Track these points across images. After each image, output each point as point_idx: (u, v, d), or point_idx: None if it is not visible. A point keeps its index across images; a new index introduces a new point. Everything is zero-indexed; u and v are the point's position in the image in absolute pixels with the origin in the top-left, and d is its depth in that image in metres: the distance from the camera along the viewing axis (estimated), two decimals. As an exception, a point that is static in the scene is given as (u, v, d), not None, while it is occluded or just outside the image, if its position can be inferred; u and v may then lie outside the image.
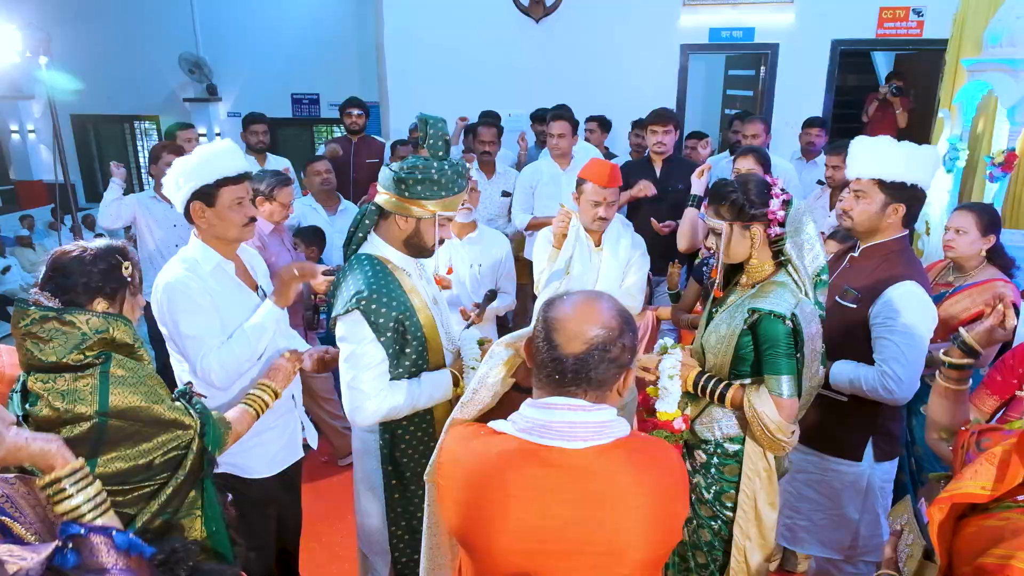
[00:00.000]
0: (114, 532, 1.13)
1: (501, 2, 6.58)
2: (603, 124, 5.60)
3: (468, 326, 2.78)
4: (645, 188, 4.02)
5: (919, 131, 6.16)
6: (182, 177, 2.14)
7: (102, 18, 9.43)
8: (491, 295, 2.94)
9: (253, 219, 2.24)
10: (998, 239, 2.71)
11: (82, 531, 1.10)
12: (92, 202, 10.09)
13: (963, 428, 1.64)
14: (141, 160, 10.64)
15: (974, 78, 4.56)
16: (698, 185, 3.59)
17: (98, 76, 9.14)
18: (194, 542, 1.71)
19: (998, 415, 1.87)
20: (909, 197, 2.26)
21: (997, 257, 2.72)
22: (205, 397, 1.99)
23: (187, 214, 2.18)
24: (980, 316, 2.61)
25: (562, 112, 4.53)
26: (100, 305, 1.67)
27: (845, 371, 2.28)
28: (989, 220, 2.69)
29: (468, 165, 1.90)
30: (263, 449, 2.30)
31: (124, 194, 4.16)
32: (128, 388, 1.60)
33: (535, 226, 4.31)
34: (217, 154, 2.17)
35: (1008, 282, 2.65)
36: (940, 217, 4.71)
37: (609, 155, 5.44)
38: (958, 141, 4.64)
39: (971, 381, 1.79)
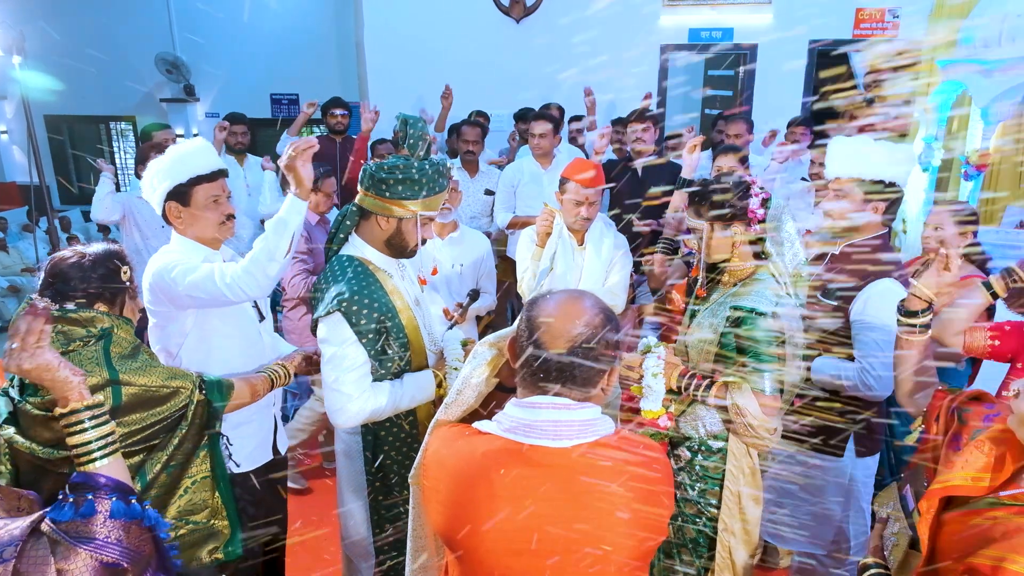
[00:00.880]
0: (114, 500, 1.20)
1: (481, 2, 6.57)
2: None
3: (451, 326, 2.77)
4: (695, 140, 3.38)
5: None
6: (156, 178, 2.13)
7: (76, 17, 9.27)
8: (474, 294, 2.93)
9: (231, 216, 2.21)
10: (975, 237, 2.75)
11: (89, 496, 1.18)
12: (67, 204, 9.93)
13: (939, 388, 1.66)
14: (118, 161, 10.48)
15: (948, 78, 4.64)
16: (689, 163, 3.20)
17: (73, 76, 8.99)
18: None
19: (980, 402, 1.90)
20: (888, 195, 2.29)
21: (974, 255, 2.76)
22: None
23: (165, 216, 2.16)
24: None
25: (544, 112, 4.54)
26: (101, 309, 1.74)
27: (827, 367, 2.30)
28: (969, 219, 2.72)
29: (449, 163, 1.89)
30: (241, 443, 2.28)
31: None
32: (128, 360, 1.70)
33: (516, 225, 4.31)
34: (189, 153, 2.15)
35: (985, 279, 2.69)
36: (917, 215, 4.78)
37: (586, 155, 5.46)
38: (933, 140, 4.72)
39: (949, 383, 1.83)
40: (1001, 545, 1.22)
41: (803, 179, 4.55)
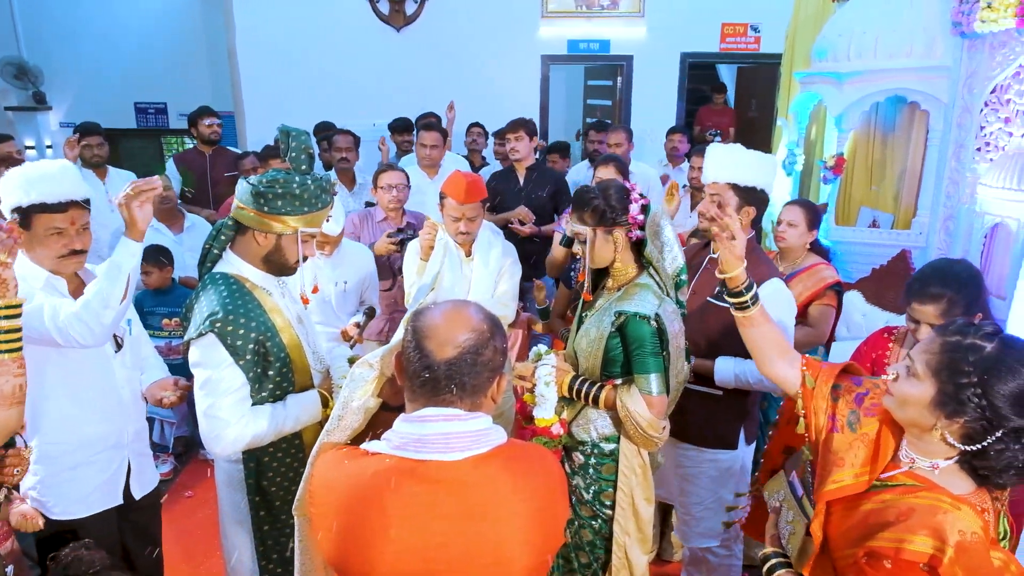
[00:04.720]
0: None
1: (360, 10, 6.46)
2: (487, 132, 5.63)
3: (352, 346, 2.66)
4: (521, 214, 3.99)
5: (761, 138, 6.65)
6: (3, 190, 2.00)
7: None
8: (371, 312, 2.85)
9: (79, 252, 2.06)
10: (818, 233, 3.04)
11: None
12: None
13: (806, 355, 1.72)
14: (-43, 176, 9.48)
15: (805, 89, 4.98)
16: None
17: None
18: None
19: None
20: (758, 200, 2.42)
21: (815, 248, 3.07)
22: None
23: None
24: (815, 298, 2.83)
25: (433, 123, 4.50)
26: None
27: (728, 367, 2.36)
28: (815, 216, 2.99)
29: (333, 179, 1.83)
30: (75, 485, 2.14)
31: None
32: None
33: None
34: (40, 176, 2.00)
35: (829, 265, 2.98)
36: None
37: (483, 164, 5.46)
38: (795, 147, 5.05)
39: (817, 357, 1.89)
40: (898, 527, 1.28)
41: (684, 186, 4.76)
